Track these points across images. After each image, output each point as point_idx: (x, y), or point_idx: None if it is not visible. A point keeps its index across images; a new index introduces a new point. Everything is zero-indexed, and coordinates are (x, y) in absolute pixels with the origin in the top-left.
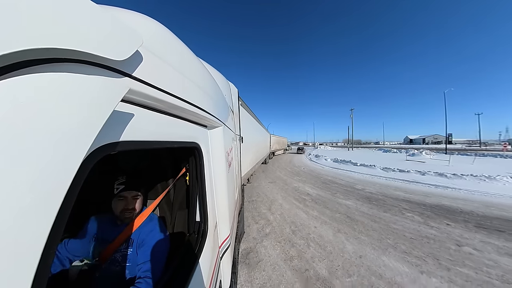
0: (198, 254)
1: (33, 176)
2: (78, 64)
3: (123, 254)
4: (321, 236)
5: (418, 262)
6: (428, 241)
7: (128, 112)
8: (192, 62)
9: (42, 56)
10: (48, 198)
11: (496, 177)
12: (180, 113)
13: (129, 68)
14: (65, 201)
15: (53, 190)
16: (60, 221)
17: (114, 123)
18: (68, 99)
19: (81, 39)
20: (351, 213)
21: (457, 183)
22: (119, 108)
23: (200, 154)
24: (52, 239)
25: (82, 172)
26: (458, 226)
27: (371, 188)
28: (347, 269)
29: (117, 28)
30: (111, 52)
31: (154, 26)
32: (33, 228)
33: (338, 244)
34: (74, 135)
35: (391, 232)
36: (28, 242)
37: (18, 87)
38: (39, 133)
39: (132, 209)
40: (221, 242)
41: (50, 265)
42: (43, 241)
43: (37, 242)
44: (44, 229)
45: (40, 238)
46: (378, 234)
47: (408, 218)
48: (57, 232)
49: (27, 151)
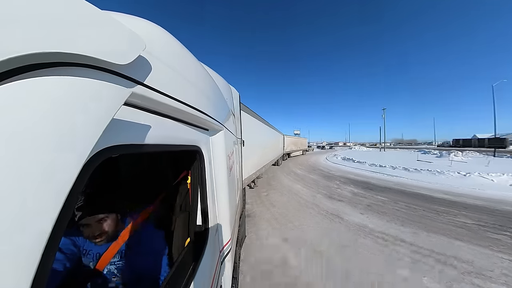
0: (199, 258)
1: (35, 179)
2: (81, 68)
3: (117, 266)
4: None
5: (311, 186)
6: (328, 187)
7: (130, 116)
8: (194, 66)
9: (46, 60)
10: (49, 201)
11: (468, 174)
12: (181, 117)
13: (132, 72)
14: (66, 204)
15: (55, 192)
16: (60, 225)
17: (116, 126)
18: (71, 102)
19: (85, 43)
20: (311, 180)
21: (409, 176)
22: (122, 111)
23: (201, 158)
24: (52, 243)
25: (83, 175)
26: (357, 187)
27: (338, 172)
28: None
29: (121, 33)
30: (115, 57)
31: (156, 31)
32: (33, 231)
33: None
34: (76, 138)
35: (320, 185)
36: (28, 245)
37: (23, 90)
38: (42, 136)
39: (100, 234)
40: (222, 247)
41: (49, 268)
42: (42, 244)
43: (37, 245)
44: (44, 232)
45: (40, 242)
46: (313, 185)
47: (336, 183)
48: (57, 235)
49: (30, 153)
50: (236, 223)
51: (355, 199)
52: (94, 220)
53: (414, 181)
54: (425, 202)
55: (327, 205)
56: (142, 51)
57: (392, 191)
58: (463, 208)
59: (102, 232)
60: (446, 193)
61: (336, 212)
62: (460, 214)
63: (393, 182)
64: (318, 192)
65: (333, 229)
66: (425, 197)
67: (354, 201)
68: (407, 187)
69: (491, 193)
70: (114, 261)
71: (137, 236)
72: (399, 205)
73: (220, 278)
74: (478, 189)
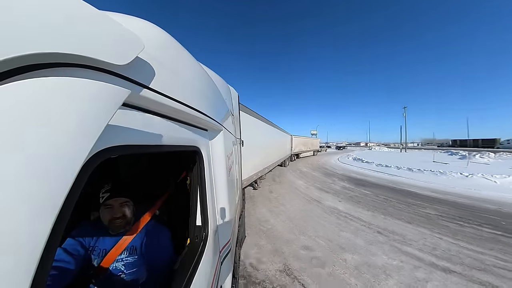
0: (199, 259)
1: (33, 179)
2: (79, 69)
3: (126, 263)
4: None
5: (308, 181)
6: (324, 182)
7: (128, 116)
8: (192, 66)
9: (44, 61)
10: (48, 202)
11: (471, 175)
12: (180, 117)
13: (130, 73)
14: (65, 205)
15: (53, 193)
16: (60, 224)
17: (115, 127)
18: (69, 103)
19: (83, 44)
20: (312, 176)
21: (409, 175)
22: (120, 112)
23: (200, 158)
24: (51, 242)
25: (82, 176)
26: (350, 183)
27: (341, 171)
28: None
29: (119, 33)
30: (113, 57)
31: (155, 31)
32: (32, 231)
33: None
34: (75, 138)
35: (317, 180)
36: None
37: (21, 90)
38: (41, 136)
39: (121, 217)
40: (222, 247)
41: (49, 268)
42: (42, 244)
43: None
44: (43, 233)
45: (39, 242)
46: (312, 180)
47: (332, 180)
48: (56, 236)
49: (28, 153)
50: (236, 223)
51: (342, 191)
52: (117, 203)
53: (411, 180)
54: (404, 197)
55: (315, 194)
56: (140, 51)
57: (381, 188)
58: (437, 203)
59: (122, 215)
60: (434, 191)
61: (319, 199)
62: (430, 207)
63: (388, 180)
64: (313, 186)
65: (310, 209)
66: (409, 193)
67: (339, 193)
68: (399, 185)
69: (486, 193)
70: (122, 257)
71: (146, 231)
72: (378, 198)
73: (220, 278)
74: (474, 189)
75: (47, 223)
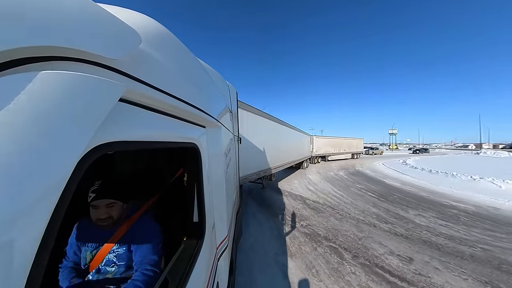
0: (195, 255)
1: (28, 175)
2: (74, 63)
3: (116, 255)
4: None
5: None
6: (340, 180)
7: (125, 112)
8: (191, 62)
9: (38, 54)
10: (43, 198)
11: (480, 179)
12: (177, 113)
13: (127, 67)
14: (60, 201)
15: (48, 189)
16: (54, 221)
17: (111, 123)
18: (64, 97)
19: (77, 37)
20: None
21: (421, 176)
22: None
23: (197, 155)
24: (46, 239)
25: (78, 172)
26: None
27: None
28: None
29: (115, 26)
30: (109, 51)
31: (152, 25)
32: (27, 228)
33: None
34: (70, 134)
35: (331, 178)
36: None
37: (14, 84)
38: (35, 131)
39: (106, 218)
40: (219, 243)
41: (44, 266)
42: (37, 241)
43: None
44: (38, 229)
45: (34, 238)
46: (332, 180)
47: (345, 177)
48: (51, 232)
49: (22, 149)
50: (233, 220)
51: (338, 180)
52: (103, 204)
53: (415, 180)
54: (382, 188)
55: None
56: (137, 45)
57: (376, 182)
58: (408, 196)
59: (108, 217)
60: (422, 190)
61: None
62: (394, 196)
63: (392, 177)
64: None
65: (304, 186)
66: (392, 187)
67: (333, 180)
68: (395, 182)
69: (478, 196)
70: (113, 249)
71: (136, 227)
72: (358, 186)
73: (216, 275)
74: (469, 192)
75: (42, 221)
